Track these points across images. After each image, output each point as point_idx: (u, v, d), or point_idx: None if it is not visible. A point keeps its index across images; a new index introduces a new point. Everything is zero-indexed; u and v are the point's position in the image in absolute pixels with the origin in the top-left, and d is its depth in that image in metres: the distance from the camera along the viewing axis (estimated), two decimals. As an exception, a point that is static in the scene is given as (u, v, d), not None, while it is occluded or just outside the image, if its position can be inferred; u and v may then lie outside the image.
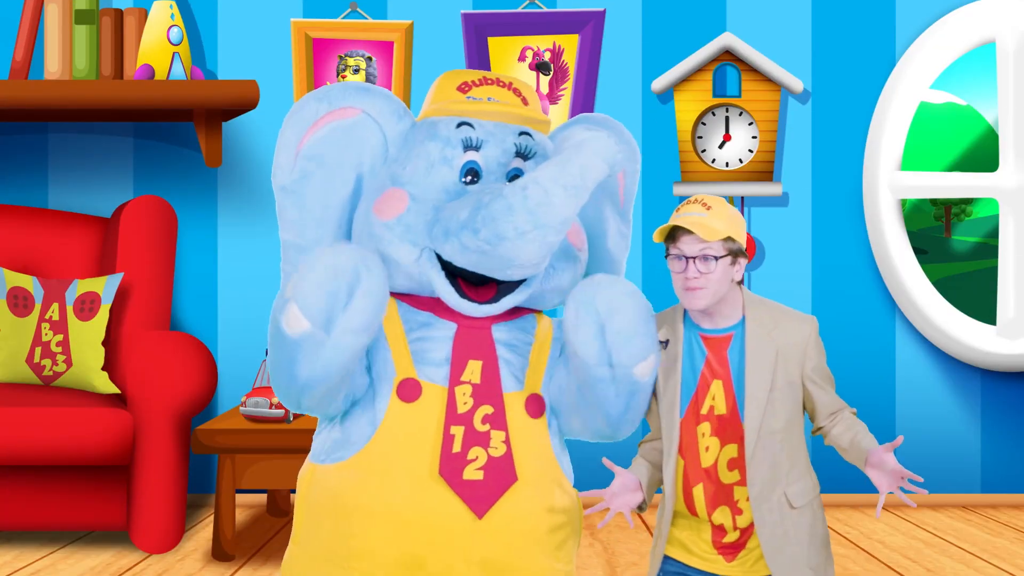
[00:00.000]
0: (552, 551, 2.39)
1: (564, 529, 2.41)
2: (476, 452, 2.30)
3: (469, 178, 2.36)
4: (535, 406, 2.39)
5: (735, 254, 2.38)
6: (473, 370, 2.33)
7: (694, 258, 2.36)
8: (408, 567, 2.27)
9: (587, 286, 2.30)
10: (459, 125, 2.37)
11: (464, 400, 2.31)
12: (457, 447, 2.29)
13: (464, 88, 2.41)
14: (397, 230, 2.32)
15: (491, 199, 2.24)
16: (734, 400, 2.40)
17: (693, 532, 2.48)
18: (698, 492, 2.43)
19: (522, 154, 2.39)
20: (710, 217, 2.36)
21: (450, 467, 2.28)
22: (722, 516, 2.43)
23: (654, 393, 2.50)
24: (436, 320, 2.35)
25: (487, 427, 2.32)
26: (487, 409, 2.33)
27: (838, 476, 5.16)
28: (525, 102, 2.44)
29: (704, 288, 2.36)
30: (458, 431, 2.29)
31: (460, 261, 2.29)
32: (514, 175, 2.39)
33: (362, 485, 2.28)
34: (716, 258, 2.35)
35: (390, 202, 2.34)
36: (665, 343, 2.45)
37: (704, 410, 2.41)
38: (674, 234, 2.39)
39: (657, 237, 2.41)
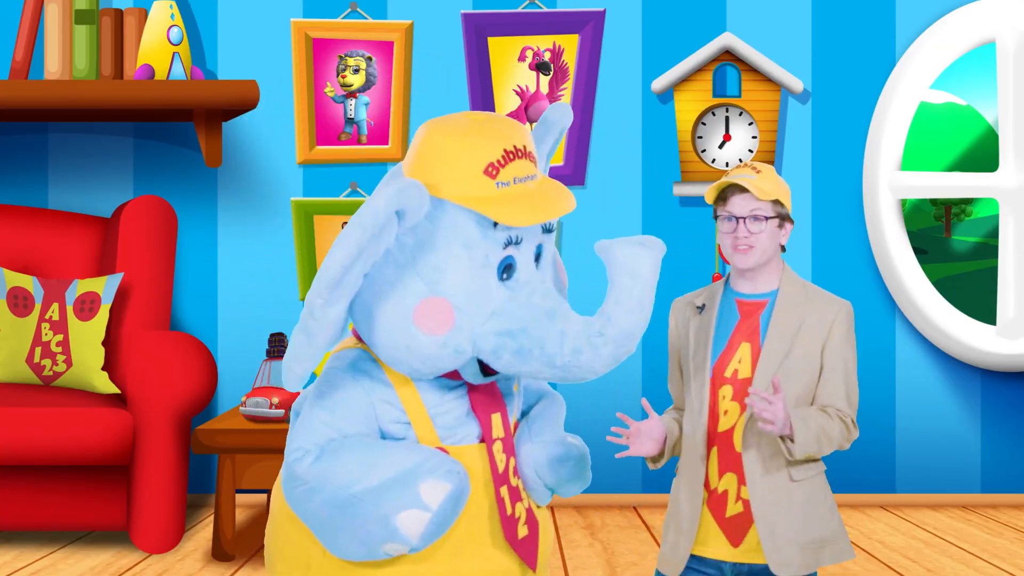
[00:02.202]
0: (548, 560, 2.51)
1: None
2: (519, 509, 2.35)
3: (505, 274, 2.26)
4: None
5: (783, 218, 2.45)
6: (496, 424, 2.35)
7: (744, 218, 2.42)
8: None
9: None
10: (496, 224, 2.24)
11: (500, 458, 2.34)
12: (509, 509, 2.33)
13: (491, 172, 2.23)
14: (449, 349, 2.23)
15: (575, 344, 2.21)
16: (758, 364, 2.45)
17: (708, 528, 2.48)
18: (712, 455, 2.46)
19: (546, 230, 2.33)
20: (760, 179, 2.43)
21: (510, 530, 2.33)
22: (727, 483, 2.45)
23: (678, 362, 2.58)
24: (449, 383, 2.33)
25: (517, 480, 2.37)
26: (512, 461, 2.37)
27: (838, 476, 5.17)
28: (534, 158, 2.32)
29: (753, 247, 2.43)
30: (504, 492, 2.33)
31: (515, 373, 2.29)
32: (537, 253, 2.32)
33: (427, 555, 2.28)
34: (766, 218, 2.42)
35: (436, 316, 2.21)
36: (701, 307, 2.52)
37: (728, 372, 2.45)
38: (724, 195, 2.46)
39: (709, 198, 2.48)
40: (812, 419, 2.38)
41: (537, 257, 2.33)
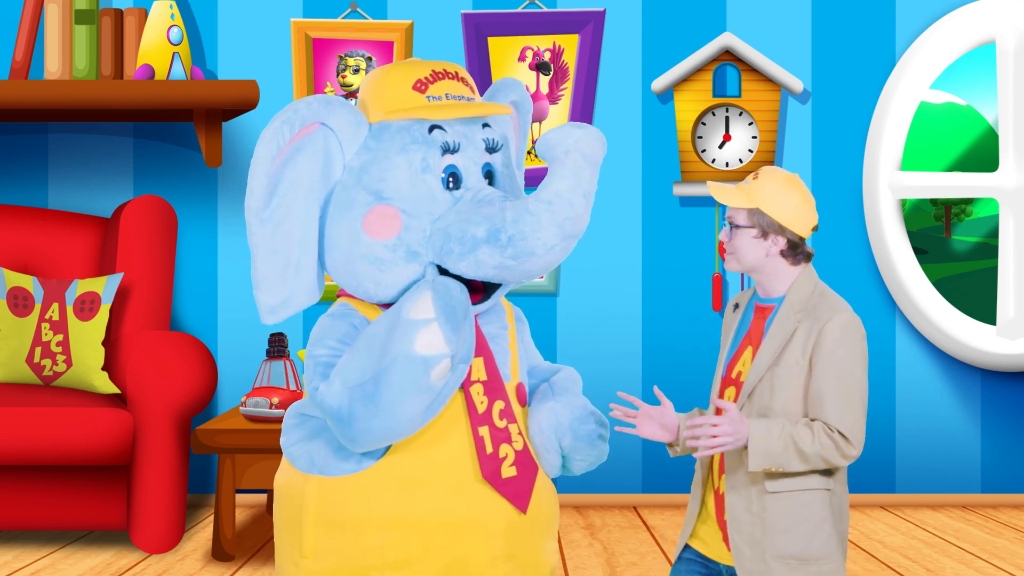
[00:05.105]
0: (554, 532, 2.50)
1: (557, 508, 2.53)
2: (505, 450, 2.36)
3: (451, 183, 2.33)
4: (522, 395, 2.46)
5: (765, 229, 2.38)
6: (478, 367, 2.36)
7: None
8: (450, 571, 2.31)
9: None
10: (431, 129, 2.32)
11: (480, 399, 2.35)
12: (489, 448, 2.34)
13: (420, 87, 2.34)
14: (400, 251, 2.31)
15: (515, 214, 2.24)
16: None
17: (710, 526, 2.48)
18: (715, 456, 2.45)
19: (490, 148, 2.39)
20: (750, 186, 2.39)
21: (489, 469, 2.33)
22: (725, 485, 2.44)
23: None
24: None
25: (505, 422, 2.37)
26: (500, 404, 2.37)
27: (838, 476, 5.17)
28: (473, 90, 2.41)
29: (731, 253, 2.43)
30: (484, 431, 2.34)
31: (472, 275, 2.30)
32: (487, 171, 2.39)
33: (397, 495, 2.29)
34: (736, 226, 2.40)
35: (383, 221, 2.31)
36: (736, 307, 2.52)
37: (734, 374, 2.45)
38: None
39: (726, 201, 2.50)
40: (779, 432, 2.29)
41: (490, 177, 2.39)
